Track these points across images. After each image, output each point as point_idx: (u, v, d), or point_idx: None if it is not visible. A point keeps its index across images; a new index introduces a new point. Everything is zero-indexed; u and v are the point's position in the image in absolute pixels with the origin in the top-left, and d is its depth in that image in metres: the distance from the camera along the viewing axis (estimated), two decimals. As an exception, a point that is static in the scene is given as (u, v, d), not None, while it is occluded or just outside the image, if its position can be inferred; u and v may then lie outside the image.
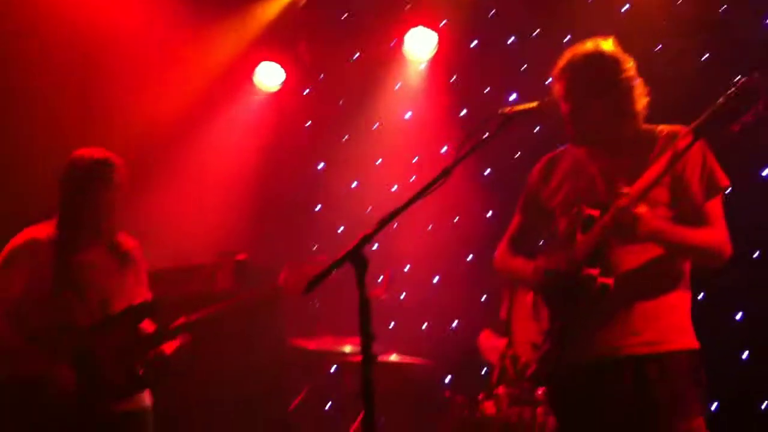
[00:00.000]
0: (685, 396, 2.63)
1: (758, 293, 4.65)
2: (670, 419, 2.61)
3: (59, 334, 3.45)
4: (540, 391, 4.60)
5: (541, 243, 3.08)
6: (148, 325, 3.75)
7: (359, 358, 4.93)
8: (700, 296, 4.16)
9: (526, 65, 5.87)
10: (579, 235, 2.72)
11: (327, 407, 5.73)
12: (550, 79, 2.96)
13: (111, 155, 3.67)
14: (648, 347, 2.65)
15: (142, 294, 3.75)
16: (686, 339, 2.71)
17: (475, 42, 6.05)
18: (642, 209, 2.57)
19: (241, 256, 4.84)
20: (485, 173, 6.13)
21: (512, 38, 5.91)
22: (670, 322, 2.69)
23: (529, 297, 2.93)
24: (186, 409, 4.49)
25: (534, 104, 2.73)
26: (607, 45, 2.86)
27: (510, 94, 5.95)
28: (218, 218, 5.72)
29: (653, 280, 2.70)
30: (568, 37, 5.44)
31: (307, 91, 6.49)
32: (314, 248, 6.43)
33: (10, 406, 3.41)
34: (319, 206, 6.54)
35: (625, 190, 2.57)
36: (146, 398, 3.67)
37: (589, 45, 2.87)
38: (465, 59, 5.99)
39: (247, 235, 5.68)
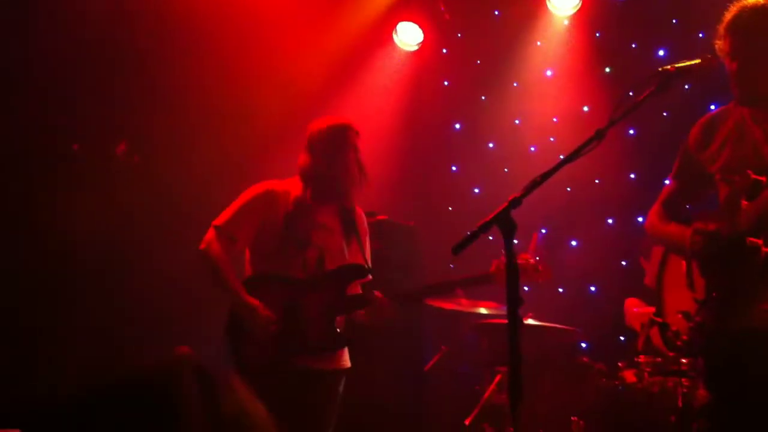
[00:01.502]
0: None
1: None
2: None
3: (274, 282, 3.63)
4: (685, 361, 4.43)
5: (698, 209, 2.92)
6: (357, 288, 3.86)
7: (495, 321, 4.94)
8: None
9: (676, 19, 5.56)
10: (743, 202, 2.56)
11: (462, 368, 5.74)
12: (702, 34, 2.78)
13: (351, 122, 3.88)
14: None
15: (360, 259, 3.85)
16: None
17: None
18: None
19: (382, 216, 4.88)
20: (629, 133, 5.90)
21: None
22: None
23: (683, 264, 2.79)
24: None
25: (697, 61, 2.57)
26: None
27: (658, 51, 5.67)
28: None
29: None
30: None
31: (446, 50, 6.40)
32: (449, 209, 6.41)
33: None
34: (455, 167, 6.50)
35: None
36: (343, 359, 3.78)
37: None
38: (610, 14, 5.73)
39: (386, 194, 5.72)
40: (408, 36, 6.17)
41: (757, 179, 2.53)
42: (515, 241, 2.54)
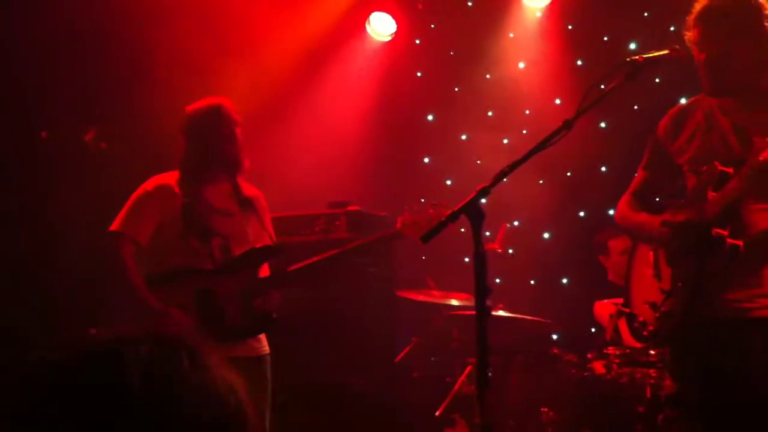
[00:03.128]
0: None
1: None
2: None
3: (183, 276, 3.55)
4: (653, 353, 4.48)
5: (666, 199, 2.94)
6: (267, 270, 3.80)
7: (466, 312, 4.94)
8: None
9: (648, 12, 5.59)
10: (710, 192, 2.58)
11: (433, 359, 5.75)
12: (674, 27, 2.80)
13: (223, 100, 3.79)
14: (778, 310, 2.52)
15: (266, 239, 3.79)
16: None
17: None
18: None
19: (353, 207, 4.86)
20: (601, 126, 5.93)
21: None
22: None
23: (650, 255, 2.81)
24: (296, 355, 4.58)
25: (665, 52, 2.58)
26: None
27: (629, 43, 5.70)
28: (329, 168, 5.75)
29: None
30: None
31: (419, 41, 6.39)
32: (422, 201, 6.40)
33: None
34: (427, 158, 6.49)
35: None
36: (263, 345, 3.73)
37: None
38: (583, 6, 5.75)
39: (357, 184, 5.70)
40: (381, 26, 6.15)
41: (724, 170, 2.55)
42: (487, 233, 2.55)
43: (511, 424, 4.79)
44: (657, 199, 2.93)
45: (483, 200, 2.47)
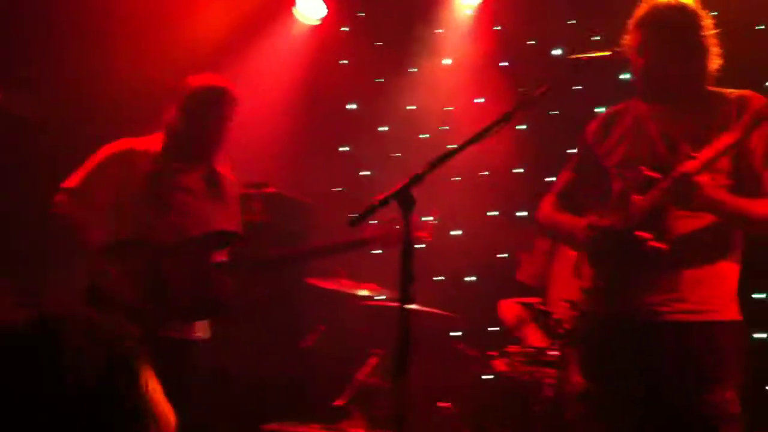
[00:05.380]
0: (723, 366, 2.58)
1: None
2: (706, 387, 2.56)
3: (135, 248, 3.42)
4: (556, 353, 4.57)
5: (592, 202, 2.99)
6: (225, 256, 3.70)
7: (375, 303, 4.92)
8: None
9: (575, 20, 5.71)
10: (635, 196, 2.63)
11: (338, 349, 5.71)
12: (598, 37, 2.86)
13: (228, 85, 3.70)
14: (693, 315, 2.59)
15: (226, 225, 3.69)
16: (731, 310, 2.65)
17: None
18: (704, 178, 2.48)
19: (270, 189, 4.77)
20: (519, 128, 6.01)
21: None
22: (717, 292, 2.63)
23: (572, 254, 2.85)
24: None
25: (607, 53, 2.62)
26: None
27: (553, 49, 5.81)
28: (249, 150, 5.63)
29: (705, 248, 2.63)
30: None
31: (346, 28, 6.32)
32: (339, 189, 6.36)
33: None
34: (346, 147, 6.44)
35: (694, 155, 2.48)
36: (204, 329, 3.62)
37: None
38: (513, 9, 5.81)
39: (276, 168, 5.60)
40: (309, 9, 6.05)
41: (650, 176, 2.60)
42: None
43: (411, 417, 4.80)
44: (582, 199, 2.97)
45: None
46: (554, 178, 3.12)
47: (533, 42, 5.84)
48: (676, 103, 2.74)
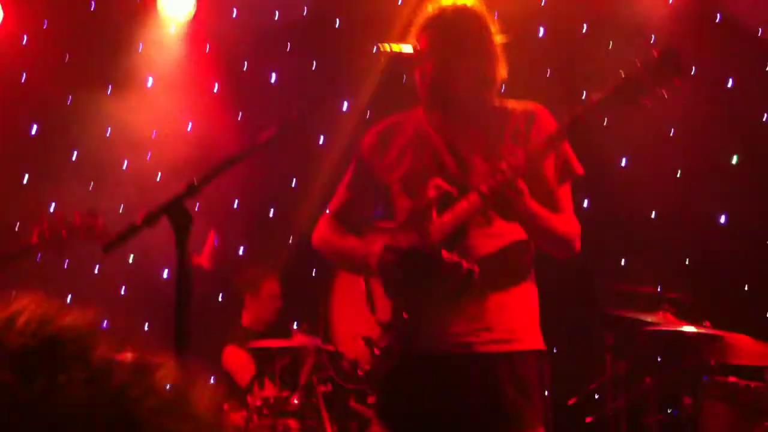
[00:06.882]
0: (531, 402, 2.37)
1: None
2: (517, 422, 2.34)
3: None
4: (295, 401, 4.19)
5: (373, 221, 2.66)
6: None
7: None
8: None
9: (289, 46, 5.46)
10: (435, 214, 2.35)
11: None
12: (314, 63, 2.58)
13: None
14: (500, 345, 2.36)
15: None
16: (535, 338, 2.47)
17: (235, 12, 5.44)
18: (523, 186, 2.27)
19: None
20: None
21: (277, 14, 5.41)
22: (520, 318, 2.43)
23: (361, 283, 2.50)
24: None
25: (410, 48, 2.35)
26: (475, 3, 2.54)
27: (270, 74, 5.50)
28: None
29: (506, 269, 2.43)
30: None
31: (26, 38, 5.43)
32: (16, 226, 5.39)
33: None
34: (26, 176, 5.50)
35: (503, 166, 2.25)
36: None
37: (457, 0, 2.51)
38: (225, 29, 5.38)
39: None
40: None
41: (448, 191, 2.35)
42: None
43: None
44: (362, 219, 2.64)
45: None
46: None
47: (246, 65, 5.45)
48: (462, 113, 2.51)
